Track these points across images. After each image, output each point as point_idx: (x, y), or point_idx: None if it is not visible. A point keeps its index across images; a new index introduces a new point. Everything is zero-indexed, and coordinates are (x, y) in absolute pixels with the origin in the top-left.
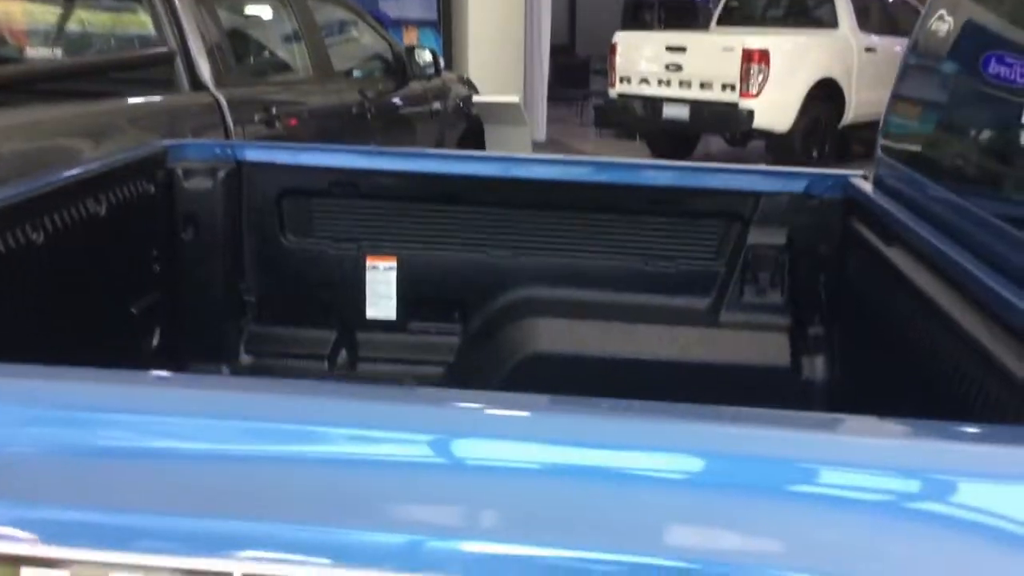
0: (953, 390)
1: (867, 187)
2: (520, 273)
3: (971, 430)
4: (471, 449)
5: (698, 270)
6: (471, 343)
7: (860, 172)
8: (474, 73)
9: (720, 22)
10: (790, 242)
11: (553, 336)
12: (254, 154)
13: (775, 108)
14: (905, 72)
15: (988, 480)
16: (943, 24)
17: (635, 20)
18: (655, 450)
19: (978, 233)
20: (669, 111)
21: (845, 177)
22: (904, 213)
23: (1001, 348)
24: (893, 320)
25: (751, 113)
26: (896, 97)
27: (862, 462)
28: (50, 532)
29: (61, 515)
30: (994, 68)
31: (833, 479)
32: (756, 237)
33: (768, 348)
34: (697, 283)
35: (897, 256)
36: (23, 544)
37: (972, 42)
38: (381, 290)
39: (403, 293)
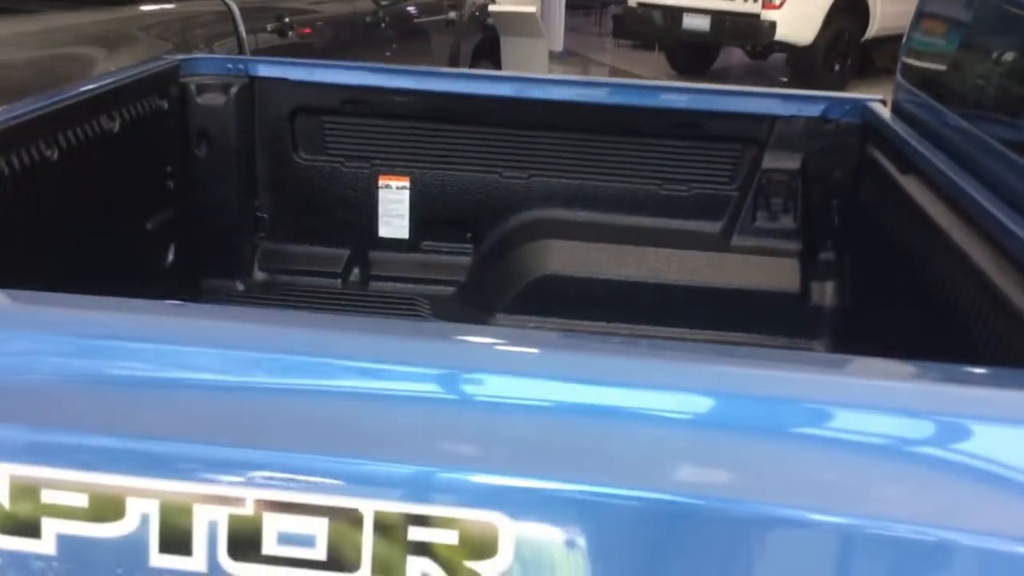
0: (959, 323)
1: (885, 113)
2: (533, 194)
3: (975, 372)
4: (481, 384)
5: (711, 194)
6: (483, 263)
7: (879, 97)
8: None
9: None
10: (804, 167)
11: (565, 257)
12: (267, 70)
13: (798, 19)
14: (920, 2)
15: (990, 424)
16: None
17: None
18: (663, 389)
19: (994, 165)
20: (689, 21)
21: (863, 102)
22: (921, 141)
23: (1009, 284)
24: (904, 249)
25: (773, 24)
26: (920, 15)
27: (865, 403)
28: (68, 456)
29: (79, 440)
30: None
31: (836, 420)
32: (771, 161)
33: (778, 273)
34: (710, 207)
35: (911, 185)
36: (43, 468)
37: None
38: (393, 209)
39: (416, 212)
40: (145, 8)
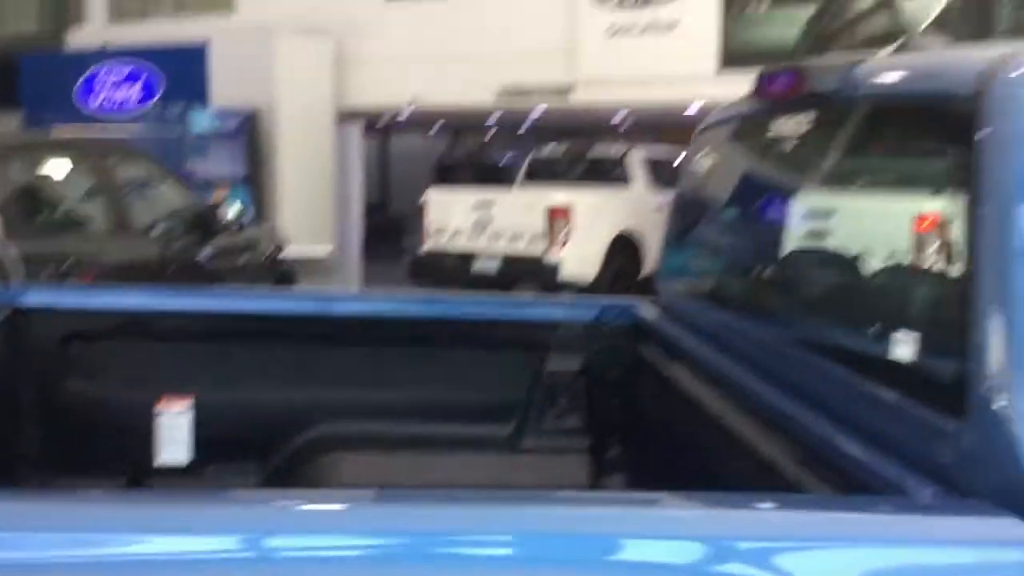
0: (739, 488)
1: (654, 313)
2: (322, 409)
3: (765, 503)
4: (284, 545)
5: (500, 398)
6: (272, 483)
7: (649, 298)
8: (286, 228)
9: (526, 179)
10: (586, 368)
11: (357, 471)
12: (35, 298)
13: (578, 261)
14: (671, 217)
15: (789, 543)
16: (701, 170)
17: (445, 178)
18: (471, 533)
19: (748, 348)
20: (479, 265)
21: (633, 305)
22: (686, 335)
23: (775, 451)
24: (680, 434)
25: (557, 266)
26: (665, 238)
27: (665, 534)
28: None
29: None
30: (756, 208)
31: (635, 551)
32: (554, 364)
33: (568, 471)
34: (500, 411)
35: (680, 374)
36: None
37: (729, 185)
38: (173, 435)
39: (198, 435)
40: None
